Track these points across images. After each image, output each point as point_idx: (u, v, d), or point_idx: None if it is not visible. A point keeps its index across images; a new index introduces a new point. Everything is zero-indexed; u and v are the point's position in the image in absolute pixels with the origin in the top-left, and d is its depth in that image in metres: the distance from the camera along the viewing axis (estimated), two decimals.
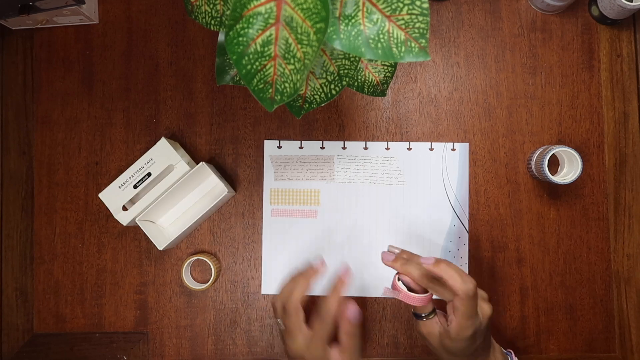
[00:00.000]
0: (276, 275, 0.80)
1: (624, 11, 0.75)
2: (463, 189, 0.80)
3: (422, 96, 0.81)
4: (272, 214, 0.81)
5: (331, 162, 0.81)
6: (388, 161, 0.80)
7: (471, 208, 0.80)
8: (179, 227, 0.78)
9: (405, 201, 0.80)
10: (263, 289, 0.81)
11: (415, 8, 0.44)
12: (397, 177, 0.80)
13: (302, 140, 0.81)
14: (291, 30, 0.43)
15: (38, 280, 0.83)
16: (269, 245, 0.81)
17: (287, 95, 0.45)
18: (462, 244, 0.79)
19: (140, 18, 0.84)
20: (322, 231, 0.80)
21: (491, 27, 0.81)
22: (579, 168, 0.73)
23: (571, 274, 0.79)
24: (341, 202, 0.80)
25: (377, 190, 0.80)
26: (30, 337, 0.82)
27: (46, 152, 0.84)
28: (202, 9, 0.53)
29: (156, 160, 0.77)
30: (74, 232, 0.83)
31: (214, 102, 0.83)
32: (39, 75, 0.84)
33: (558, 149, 0.74)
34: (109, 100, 0.84)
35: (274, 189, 0.81)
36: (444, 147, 0.80)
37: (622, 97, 0.80)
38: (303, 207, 0.81)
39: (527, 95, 0.80)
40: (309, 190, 0.81)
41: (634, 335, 0.78)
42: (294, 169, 0.81)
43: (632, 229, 0.79)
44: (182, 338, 0.81)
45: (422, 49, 0.45)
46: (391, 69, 0.59)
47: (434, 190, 0.80)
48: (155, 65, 0.83)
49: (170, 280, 0.82)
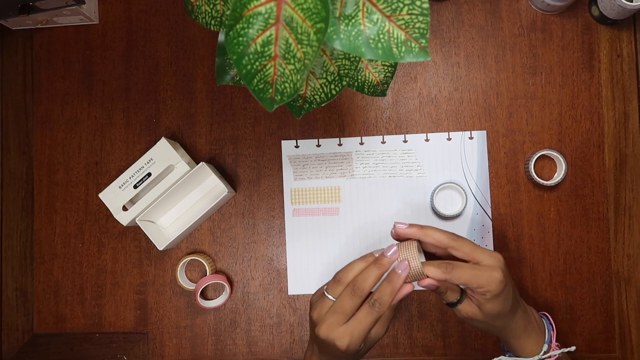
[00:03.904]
0: (302, 275, 0.81)
1: (624, 11, 0.75)
2: (483, 177, 0.80)
3: (422, 96, 0.81)
4: (293, 214, 0.81)
5: (349, 158, 0.81)
6: (407, 154, 0.80)
7: None
8: (179, 227, 0.78)
9: (426, 192, 0.80)
10: (290, 290, 0.81)
11: (415, 8, 0.44)
12: (417, 169, 0.80)
13: (319, 139, 0.81)
14: (291, 30, 0.43)
15: (38, 280, 0.83)
16: (293, 246, 0.81)
17: (287, 95, 0.45)
18: (487, 232, 0.79)
19: (140, 18, 0.84)
20: (346, 227, 0.81)
21: (491, 27, 0.81)
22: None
23: (571, 274, 0.79)
24: (362, 197, 0.81)
25: (398, 183, 0.80)
26: (30, 337, 0.82)
27: (46, 152, 0.84)
28: (202, 9, 0.53)
29: (156, 160, 0.77)
30: (74, 232, 0.83)
31: (214, 102, 0.83)
32: (39, 75, 0.84)
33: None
34: (109, 100, 0.84)
35: (294, 189, 0.81)
36: (461, 136, 0.80)
37: (622, 97, 0.80)
38: (325, 205, 0.81)
39: (527, 95, 0.80)
40: (329, 188, 0.81)
41: (634, 335, 0.78)
42: (312, 168, 0.81)
43: (632, 229, 0.79)
44: (182, 338, 0.81)
45: (423, 49, 0.45)
46: (391, 69, 0.59)
47: (455, 180, 0.80)
48: (155, 65, 0.83)
49: (170, 280, 0.82)
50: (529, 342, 0.65)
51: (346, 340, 0.58)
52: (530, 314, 0.66)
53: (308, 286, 0.80)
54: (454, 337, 0.79)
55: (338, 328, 0.58)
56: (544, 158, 0.80)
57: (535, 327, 0.65)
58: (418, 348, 0.80)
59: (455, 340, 0.79)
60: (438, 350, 0.79)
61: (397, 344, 0.80)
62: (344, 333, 0.58)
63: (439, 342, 0.79)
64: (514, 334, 0.64)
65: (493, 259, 0.60)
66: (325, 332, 0.58)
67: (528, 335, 0.64)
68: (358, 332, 0.58)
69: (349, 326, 0.58)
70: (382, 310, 0.58)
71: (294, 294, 0.81)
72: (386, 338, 0.80)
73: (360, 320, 0.58)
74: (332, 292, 0.60)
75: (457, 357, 0.79)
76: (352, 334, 0.58)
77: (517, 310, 0.63)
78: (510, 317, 0.63)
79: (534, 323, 0.65)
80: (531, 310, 0.67)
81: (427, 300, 0.80)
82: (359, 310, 0.58)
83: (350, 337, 0.58)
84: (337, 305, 0.59)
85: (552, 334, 0.65)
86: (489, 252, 0.61)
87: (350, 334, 0.58)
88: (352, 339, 0.58)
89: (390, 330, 0.80)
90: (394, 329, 0.80)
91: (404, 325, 0.80)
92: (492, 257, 0.61)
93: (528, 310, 0.66)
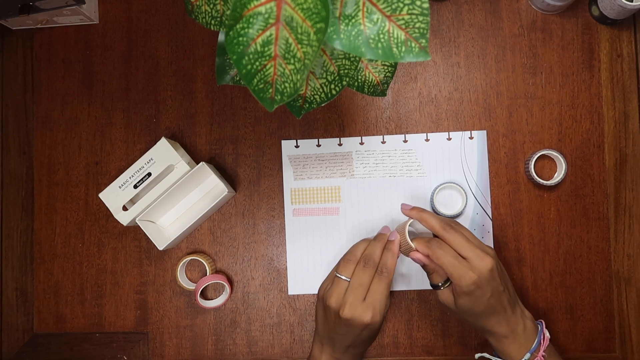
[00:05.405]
0: (302, 275, 0.80)
1: (624, 11, 0.75)
2: (483, 177, 0.80)
3: (422, 96, 0.81)
4: (293, 213, 0.81)
5: (350, 158, 0.81)
6: (407, 153, 0.80)
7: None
8: (179, 227, 0.78)
9: (426, 192, 0.80)
10: (290, 290, 0.81)
11: (415, 8, 0.44)
12: (417, 169, 0.80)
13: (319, 138, 0.81)
14: (291, 30, 0.43)
15: (38, 280, 0.83)
16: (293, 246, 0.81)
17: (287, 95, 0.45)
18: (487, 232, 0.79)
19: (140, 18, 0.84)
20: (346, 227, 0.81)
21: (491, 27, 0.81)
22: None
23: (571, 274, 0.79)
24: (362, 197, 0.81)
25: (398, 183, 0.80)
26: (30, 337, 0.82)
27: (46, 152, 0.84)
28: (202, 9, 0.53)
29: (156, 160, 0.77)
30: (74, 232, 0.83)
31: (214, 102, 0.83)
32: (39, 75, 0.84)
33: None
34: (109, 100, 0.84)
35: (294, 189, 0.81)
36: (461, 136, 0.80)
37: (622, 97, 0.80)
38: (325, 205, 0.81)
39: (527, 95, 0.80)
40: (329, 188, 0.81)
41: (634, 335, 0.78)
42: (312, 168, 0.81)
43: (633, 229, 0.79)
44: (182, 338, 0.81)
45: (423, 48, 0.45)
46: (391, 69, 0.59)
47: (455, 180, 0.80)
48: (155, 65, 0.83)
49: (170, 280, 0.82)
50: (512, 347, 0.66)
51: (369, 313, 0.63)
52: (521, 320, 0.66)
53: (308, 286, 0.80)
54: (454, 337, 0.79)
55: (360, 305, 0.63)
56: (544, 158, 0.80)
57: (521, 334, 0.65)
58: (418, 348, 0.80)
59: (455, 340, 0.79)
60: (438, 350, 0.79)
61: (397, 344, 0.80)
62: (366, 307, 0.63)
63: (439, 342, 0.79)
64: (494, 336, 0.66)
65: (480, 261, 0.62)
66: (349, 312, 0.63)
67: (512, 341, 0.66)
68: (378, 302, 0.64)
69: (368, 300, 0.64)
70: (390, 276, 0.65)
71: (294, 293, 0.81)
72: (386, 338, 0.80)
73: (375, 290, 0.64)
74: (345, 272, 0.66)
75: (457, 357, 0.79)
76: (373, 306, 0.63)
77: (497, 314, 0.64)
78: (486, 318, 0.65)
79: (520, 330, 0.65)
80: (525, 317, 0.67)
81: (427, 300, 0.80)
82: (371, 284, 0.64)
83: (373, 309, 0.63)
84: (354, 282, 0.64)
85: (542, 343, 0.66)
86: (481, 253, 0.62)
87: (372, 306, 0.63)
88: (375, 310, 0.63)
89: (390, 330, 0.80)
90: (394, 329, 0.80)
91: (404, 325, 0.80)
92: (479, 259, 0.62)
93: (519, 316, 0.66)
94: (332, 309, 0.64)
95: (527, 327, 0.66)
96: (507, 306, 0.64)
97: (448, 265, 0.62)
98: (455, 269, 0.62)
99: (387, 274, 0.65)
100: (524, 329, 0.65)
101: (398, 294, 0.80)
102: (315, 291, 0.80)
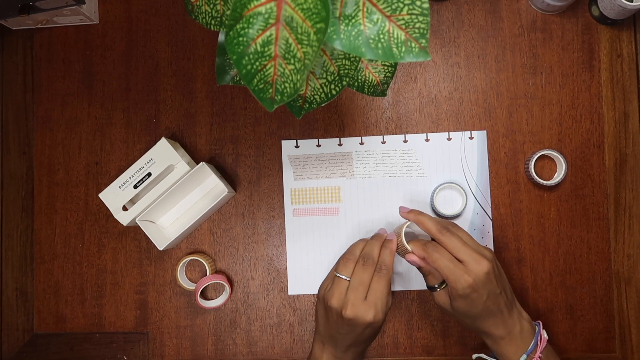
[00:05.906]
0: (302, 275, 0.80)
1: (624, 11, 0.75)
2: (483, 177, 0.80)
3: (423, 96, 0.81)
4: (293, 213, 0.81)
5: (350, 158, 0.81)
6: (407, 154, 0.80)
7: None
8: (179, 227, 0.78)
9: (426, 192, 0.80)
10: (290, 290, 0.81)
11: (415, 8, 0.44)
12: (417, 169, 0.80)
13: (319, 139, 0.81)
14: (291, 30, 0.43)
15: (38, 280, 0.83)
16: (293, 246, 0.81)
17: (287, 95, 0.45)
18: (487, 232, 0.79)
19: (140, 18, 0.84)
20: (346, 227, 0.81)
21: (491, 27, 0.81)
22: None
23: (571, 274, 0.79)
24: (362, 197, 0.81)
25: (398, 183, 0.80)
26: (30, 337, 0.82)
27: (46, 152, 0.84)
28: (202, 9, 0.53)
29: (156, 160, 0.77)
30: (74, 232, 0.83)
31: (214, 102, 0.83)
32: (39, 75, 0.84)
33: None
34: (109, 100, 0.84)
35: (294, 189, 0.81)
36: (461, 136, 0.80)
37: (622, 97, 0.80)
38: (325, 205, 0.81)
39: (527, 95, 0.80)
40: (329, 188, 0.81)
41: (634, 335, 0.78)
42: (312, 168, 0.81)
43: (633, 229, 0.79)
44: (182, 338, 0.81)
45: (423, 49, 0.45)
46: (391, 69, 0.59)
47: (455, 180, 0.80)
48: (155, 65, 0.83)
49: (170, 280, 0.82)
50: (508, 349, 0.66)
51: (372, 311, 0.63)
52: (518, 322, 0.66)
53: (308, 286, 0.80)
54: (454, 337, 0.79)
55: (362, 304, 0.64)
56: (544, 158, 0.80)
57: (518, 336, 0.66)
58: (418, 348, 0.80)
59: (455, 341, 0.79)
60: (438, 350, 0.79)
61: (397, 344, 0.80)
62: (368, 306, 0.64)
63: (439, 342, 0.79)
64: (490, 338, 0.66)
65: (476, 264, 0.62)
66: (352, 311, 0.63)
67: (508, 343, 0.66)
68: (380, 300, 0.64)
69: (370, 298, 0.64)
70: (388, 273, 0.66)
71: (294, 294, 0.81)
72: (386, 338, 0.80)
73: (376, 289, 0.65)
74: (345, 272, 0.66)
75: (457, 357, 0.79)
76: (375, 304, 0.64)
77: (493, 316, 0.64)
78: (482, 320, 0.65)
79: (517, 332, 0.66)
80: (523, 318, 0.67)
81: (427, 300, 0.80)
82: (371, 282, 0.65)
83: (375, 307, 0.64)
84: (354, 281, 0.65)
85: (539, 345, 0.66)
86: (477, 256, 0.62)
87: (374, 305, 0.64)
88: (377, 309, 0.64)
89: (390, 330, 0.80)
90: (394, 328, 0.80)
91: (404, 325, 0.80)
92: (476, 262, 0.62)
93: (516, 318, 0.66)
94: (334, 309, 0.65)
95: (524, 329, 0.66)
96: (503, 308, 0.65)
97: (444, 269, 0.63)
98: (451, 272, 0.62)
99: (387, 271, 0.66)
100: (520, 331, 0.65)
101: (398, 294, 0.80)
102: (315, 291, 0.80)
